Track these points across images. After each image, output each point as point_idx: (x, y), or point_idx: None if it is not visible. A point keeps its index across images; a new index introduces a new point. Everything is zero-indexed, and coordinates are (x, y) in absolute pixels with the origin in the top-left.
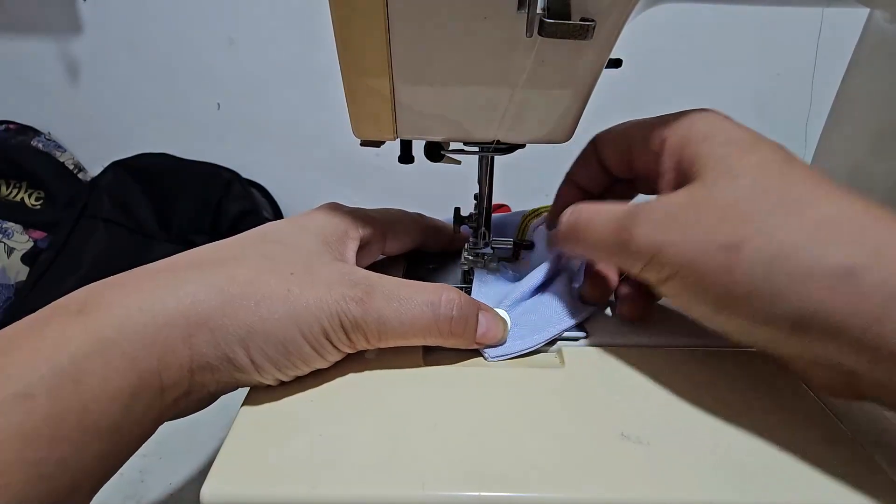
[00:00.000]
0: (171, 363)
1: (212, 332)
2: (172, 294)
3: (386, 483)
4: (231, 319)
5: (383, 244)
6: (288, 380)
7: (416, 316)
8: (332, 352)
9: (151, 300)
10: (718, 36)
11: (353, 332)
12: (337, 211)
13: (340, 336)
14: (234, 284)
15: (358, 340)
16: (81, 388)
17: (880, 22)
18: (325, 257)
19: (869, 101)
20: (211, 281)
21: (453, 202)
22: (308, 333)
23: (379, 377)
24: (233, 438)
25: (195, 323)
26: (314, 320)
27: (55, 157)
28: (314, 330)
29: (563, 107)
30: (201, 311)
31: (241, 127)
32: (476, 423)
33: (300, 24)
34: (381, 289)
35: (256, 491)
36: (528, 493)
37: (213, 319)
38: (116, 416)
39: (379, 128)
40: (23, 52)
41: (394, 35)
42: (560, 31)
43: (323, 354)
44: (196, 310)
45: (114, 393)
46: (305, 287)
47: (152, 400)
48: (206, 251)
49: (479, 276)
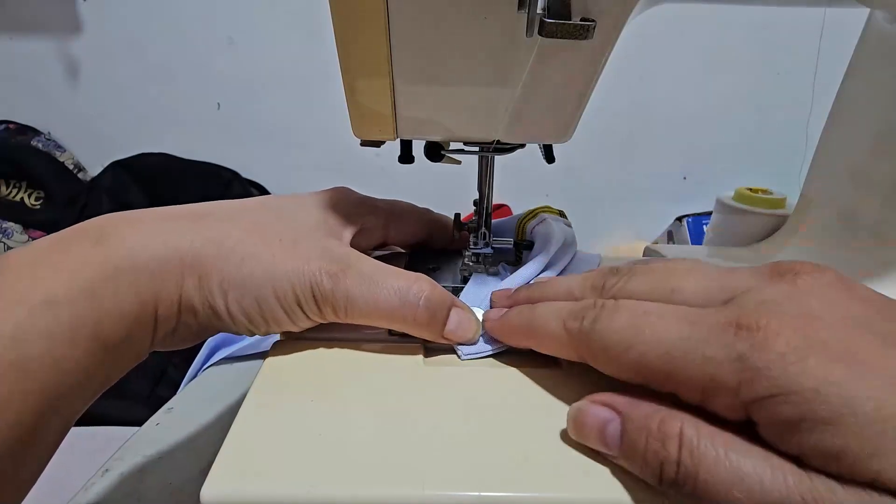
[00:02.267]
0: (164, 299)
1: (199, 279)
2: (176, 239)
3: (386, 483)
4: (217, 270)
5: (386, 232)
6: (261, 335)
7: (383, 299)
8: (302, 318)
9: (160, 241)
10: (718, 36)
11: (323, 304)
12: (343, 193)
13: (311, 306)
14: (227, 240)
15: (327, 313)
16: (96, 305)
17: (880, 22)
18: (317, 233)
19: (869, 101)
20: (209, 235)
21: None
22: (281, 297)
23: (379, 377)
24: (233, 438)
25: (189, 266)
26: (288, 287)
27: (55, 157)
28: (287, 296)
29: (562, 107)
30: (196, 259)
31: (241, 127)
32: (476, 423)
33: (300, 24)
34: (357, 267)
35: (256, 491)
36: (528, 493)
37: (203, 267)
38: (121, 334)
39: (379, 128)
40: (23, 52)
41: (394, 35)
42: (560, 31)
43: (294, 319)
44: (192, 256)
45: (121, 314)
46: (287, 255)
47: (148, 328)
48: (214, 207)
49: (475, 278)
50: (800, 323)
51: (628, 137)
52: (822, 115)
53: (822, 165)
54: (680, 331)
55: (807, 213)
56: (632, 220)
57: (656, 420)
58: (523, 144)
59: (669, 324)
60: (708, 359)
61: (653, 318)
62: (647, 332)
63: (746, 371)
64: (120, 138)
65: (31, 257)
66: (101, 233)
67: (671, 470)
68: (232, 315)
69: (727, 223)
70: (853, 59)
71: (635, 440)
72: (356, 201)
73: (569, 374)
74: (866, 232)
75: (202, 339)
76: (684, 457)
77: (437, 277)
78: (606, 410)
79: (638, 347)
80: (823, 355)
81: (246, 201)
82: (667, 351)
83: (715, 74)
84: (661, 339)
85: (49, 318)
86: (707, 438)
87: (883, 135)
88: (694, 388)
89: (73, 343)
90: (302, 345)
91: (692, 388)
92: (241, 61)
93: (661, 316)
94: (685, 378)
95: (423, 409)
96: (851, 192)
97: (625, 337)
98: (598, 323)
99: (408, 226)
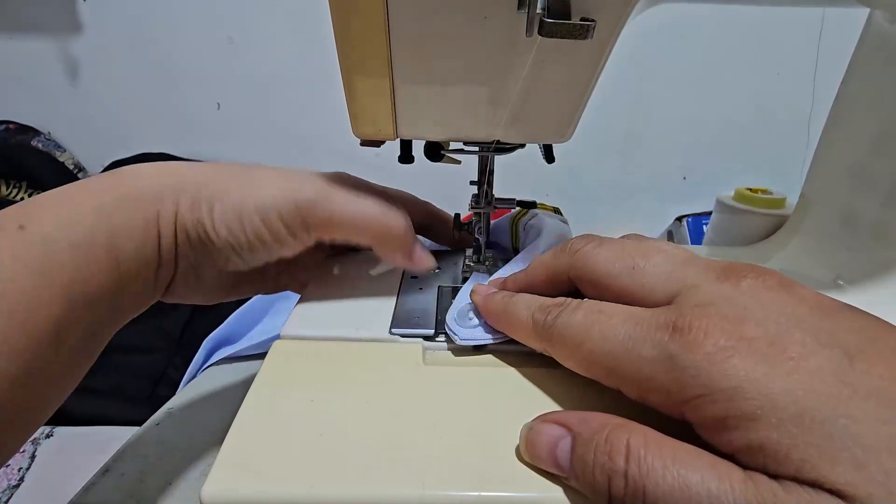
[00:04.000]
0: (163, 217)
1: (192, 201)
2: (172, 173)
3: (386, 483)
4: (208, 188)
5: None
6: (245, 264)
7: (367, 209)
8: (284, 237)
9: (161, 176)
10: (718, 36)
11: (308, 215)
12: (343, 174)
13: (293, 217)
14: (222, 171)
15: (310, 226)
16: (108, 221)
17: (880, 22)
18: (309, 174)
19: (869, 101)
20: (204, 169)
21: (453, 202)
22: (263, 211)
23: (379, 377)
24: (233, 438)
25: (182, 190)
26: (271, 202)
27: (55, 157)
28: (269, 211)
29: (562, 107)
30: (191, 185)
31: (241, 127)
32: (476, 423)
33: (300, 24)
34: (340, 186)
35: (256, 491)
36: (528, 493)
37: (196, 191)
38: (131, 249)
39: (379, 128)
40: (23, 52)
41: (394, 35)
42: (560, 31)
43: (277, 237)
44: (187, 183)
45: (129, 231)
46: (275, 179)
47: (153, 247)
48: (214, 163)
49: (475, 277)
50: (731, 324)
51: (628, 137)
52: (823, 115)
53: (822, 165)
54: (625, 330)
55: (807, 213)
56: (631, 219)
57: (604, 433)
58: (523, 144)
59: (616, 323)
60: (644, 358)
61: (603, 317)
62: (596, 329)
63: (676, 371)
64: (120, 138)
65: (56, 197)
66: (114, 173)
67: (619, 484)
68: (218, 233)
69: (727, 223)
70: (853, 59)
71: (584, 455)
72: (356, 180)
73: (568, 374)
74: (866, 232)
75: (204, 294)
76: (632, 469)
77: (438, 277)
78: (558, 428)
79: (587, 344)
80: (748, 354)
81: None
82: (611, 349)
83: (715, 74)
84: (607, 336)
85: (70, 231)
86: (655, 449)
87: (883, 135)
88: (632, 386)
89: (90, 254)
90: (302, 345)
91: (631, 385)
92: (241, 61)
93: (610, 315)
94: (624, 375)
95: (423, 409)
96: (851, 192)
97: (578, 332)
98: (559, 318)
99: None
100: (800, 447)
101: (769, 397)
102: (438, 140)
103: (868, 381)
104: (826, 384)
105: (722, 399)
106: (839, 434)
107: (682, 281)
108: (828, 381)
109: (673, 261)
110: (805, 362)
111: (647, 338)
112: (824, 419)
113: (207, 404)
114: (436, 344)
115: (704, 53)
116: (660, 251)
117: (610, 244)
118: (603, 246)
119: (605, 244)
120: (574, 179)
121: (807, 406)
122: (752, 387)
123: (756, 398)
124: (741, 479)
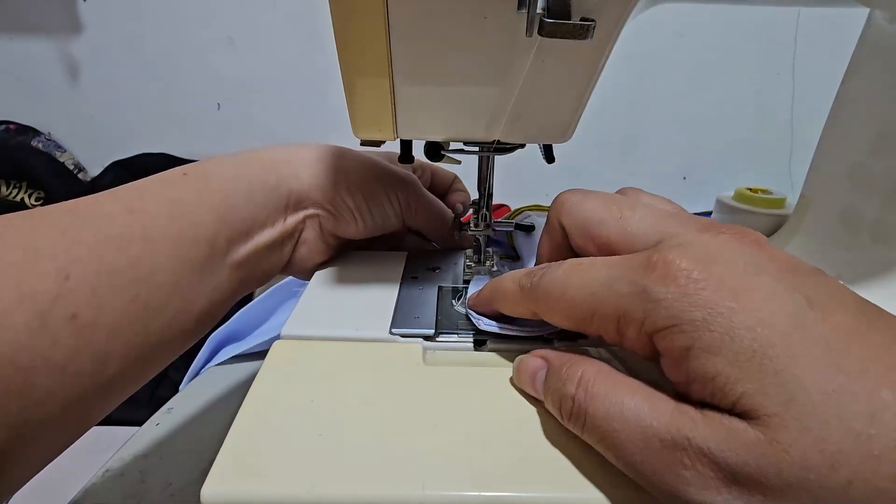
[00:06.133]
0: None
1: (296, 170)
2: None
3: (386, 483)
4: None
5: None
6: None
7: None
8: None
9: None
10: (718, 36)
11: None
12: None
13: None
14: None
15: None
16: (212, 182)
17: (880, 22)
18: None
19: (869, 101)
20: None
21: None
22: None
23: (379, 377)
24: (233, 438)
25: (290, 161)
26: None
27: (55, 157)
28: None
29: (562, 107)
30: (296, 158)
31: (241, 127)
32: (476, 423)
33: (300, 24)
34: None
35: (256, 491)
36: (528, 493)
37: (296, 163)
38: (243, 206)
39: (379, 128)
40: (23, 52)
41: (394, 35)
42: (560, 31)
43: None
44: (289, 154)
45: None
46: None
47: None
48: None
49: (476, 280)
50: (703, 263)
51: (628, 137)
52: (822, 115)
53: (822, 165)
54: (605, 273)
55: (807, 213)
56: None
57: (567, 365)
58: (523, 144)
59: (597, 269)
60: (621, 294)
61: (584, 267)
62: (576, 278)
63: (649, 303)
64: (120, 138)
65: (140, 188)
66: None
67: (567, 405)
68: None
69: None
70: (853, 59)
71: (550, 382)
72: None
73: None
74: (866, 232)
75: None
76: (578, 393)
77: (438, 277)
78: (539, 361)
79: (569, 292)
80: (718, 289)
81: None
82: (592, 291)
83: (715, 74)
84: (586, 282)
85: (165, 204)
86: (602, 380)
87: (883, 135)
88: (610, 324)
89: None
90: (302, 345)
91: (610, 325)
92: (241, 61)
93: (591, 264)
94: (603, 315)
95: (423, 409)
96: (851, 192)
97: (560, 284)
98: (544, 277)
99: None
100: (743, 380)
101: (732, 331)
102: (438, 140)
103: (820, 328)
104: (783, 324)
105: (690, 329)
106: (781, 371)
107: (665, 231)
108: (786, 322)
109: (658, 213)
110: (768, 304)
111: (624, 276)
112: (773, 356)
113: (208, 404)
114: (436, 344)
115: (704, 53)
116: (646, 205)
117: (597, 195)
118: (590, 197)
119: (591, 195)
120: (574, 179)
121: (762, 343)
122: (718, 319)
123: (719, 330)
124: (669, 410)
